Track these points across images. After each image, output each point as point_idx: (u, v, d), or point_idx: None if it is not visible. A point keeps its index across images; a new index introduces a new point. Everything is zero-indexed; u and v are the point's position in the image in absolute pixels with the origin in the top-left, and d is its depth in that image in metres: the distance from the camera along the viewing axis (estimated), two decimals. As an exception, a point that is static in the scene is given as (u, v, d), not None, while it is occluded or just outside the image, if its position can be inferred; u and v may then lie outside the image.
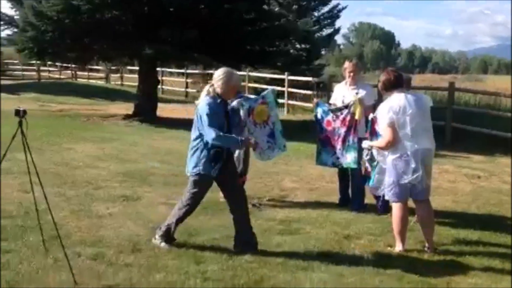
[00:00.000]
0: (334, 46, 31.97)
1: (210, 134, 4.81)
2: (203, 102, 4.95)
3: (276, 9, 18.24)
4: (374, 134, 5.85)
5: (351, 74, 6.79)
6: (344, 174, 7.00)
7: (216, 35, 13.64)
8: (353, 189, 6.89)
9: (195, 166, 4.98)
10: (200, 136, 4.96)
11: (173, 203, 6.61)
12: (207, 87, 5.11)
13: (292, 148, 11.67)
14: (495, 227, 6.11)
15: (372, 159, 5.77)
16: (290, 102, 18.85)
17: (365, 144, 5.66)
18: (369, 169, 6.06)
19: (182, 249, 5.01)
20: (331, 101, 7.01)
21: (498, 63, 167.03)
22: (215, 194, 6.80)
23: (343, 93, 6.88)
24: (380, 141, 5.31)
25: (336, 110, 6.72)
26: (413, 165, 5.08)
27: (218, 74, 5.04)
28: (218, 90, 4.97)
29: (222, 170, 5.01)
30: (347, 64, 6.90)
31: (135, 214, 6.13)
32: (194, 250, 4.99)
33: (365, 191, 6.77)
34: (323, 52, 27.09)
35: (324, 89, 17.88)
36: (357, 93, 6.67)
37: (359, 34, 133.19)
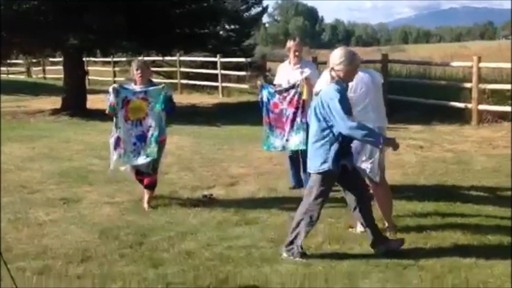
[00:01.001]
0: (259, 25, 31.44)
1: (346, 124, 4.24)
2: (331, 88, 4.40)
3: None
4: None
5: (296, 53, 6.57)
6: (295, 156, 6.81)
7: (144, 20, 13.03)
8: (305, 171, 6.70)
9: (324, 162, 4.43)
10: (329, 127, 4.40)
11: (118, 202, 6.27)
12: (325, 73, 4.62)
13: (235, 132, 11.47)
14: (448, 197, 6.13)
15: None
16: (224, 84, 18.52)
17: None
18: None
19: (136, 252, 4.67)
20: (275, 82, 6.77)
21: (417, 32, 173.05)
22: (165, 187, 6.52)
23: (288, 73, 6.66)
24: None
25: (282, 91, 6.50)
26: (368, 145, 4.94)
27: (337, 56, 4.42)
28: (341, 74, 4.44)
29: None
30: (290, 44, 6.67)
31: (78, 218, 5.69)
32: (149, 252, 4.66)
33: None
34: (252, 32, 26.79)
35: (258, 69, 17.68)
36: (302, 72, 6.46)
37: (283, 11, 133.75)
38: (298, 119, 6.39)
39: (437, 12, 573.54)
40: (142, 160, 5.94)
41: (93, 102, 16.29)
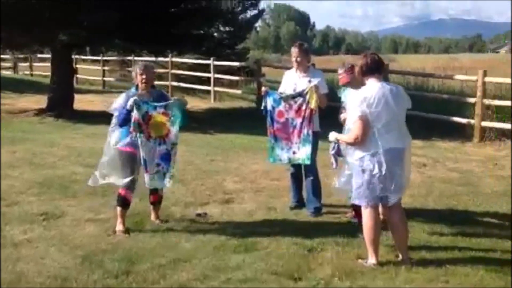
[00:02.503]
0: (251, 28, 30.83)
1: None
2: None
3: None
4: None
5: (298, 59, 6.09)
6: (297, 172, 6.33)
7: (138, 19, 12.48)
8: (308, 189, 6.22)
9: None
10: None
11: (104, 219, 5.72)
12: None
13: (228, 141, 10.96)
14: (462, 225, 5.70)
15: (338, 154, 5.16)
16: (217, 89, 17.99)
17: (332, 136, 5.00)
18: (334, 165, 5.46)
19: (122, 283, 4.14)
20: (280, 90, 6.28)
21: (406, 42, 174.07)
22: (145, 202, 5.92)
23: (294, 81, 6.17)
24: (349, 135, 4.66)
25: (289, 98, 6.02)
26: (384, 166, 4.47)
27: None
28: None
29: None
30: (292, 50, 6.20)
31: (59, 238, 5.14)
32: (136, 284, 4.12)
33: (321, 191, 6.17)
34: (247, 36, 26.28)
35: (252, 74, 17.19)
36: (309, 81, 5.99)
37: (275, 15, 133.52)
38: (304, 131, 5.93)
39: (426, 23, 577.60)
40: (167, 183, 5.39)
41: (81, 102, 15.71)
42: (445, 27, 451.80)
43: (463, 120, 11.19)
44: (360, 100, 4.45)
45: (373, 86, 4.50)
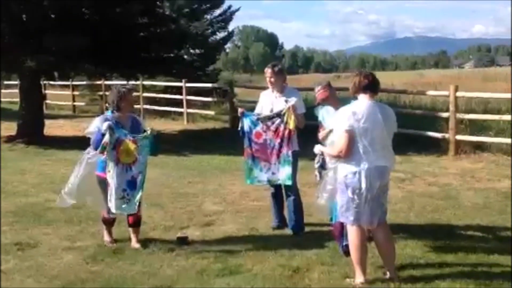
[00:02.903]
0: (221, 50, 30.90)
1: None
2: None
3: (167, 12, 17.14)
4: None
5: (272, 80, 6.04)
6: (277, 191, 6.22)
7: (108, 43, 12.31)
8: (290, 209, 6.11)
9: None
10: None
11: (81, 247, 5.52)
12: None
13: (204, 162, 10.82)
14: (446, 239, 5.67)
15: (322, 167, 5.10)
16: (189, 110, 17.87)
17: (317, 148, 4.94)
18: (318, 177, 5.41)
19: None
20: (256, 111, 6.20)
21: (374, 60, 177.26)
22: (123, 227, 5.73)
23: (271, 101, 6.10)
24: (333, 148, 4.59)
25: (266, 119, 5.95)
26: (368, 183, 4.41)
27: None
28: None
29: None
30: (266, 70, 6.15)
31: (35, 268, 4.92)
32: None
33: (303, 210, 6.08)
34: (218, 57, 26.26)
35: (224, 95, 17.12)
36: (286, 101, 5.92)
37: (243, 37, 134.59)
38: (284, 151, 5.87)
39: (392, 41, 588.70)
40: (133, 209, 5.37)
41: (51, 128, 15.41)
42: (410, 44, 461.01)
43: (438, 135, 11.29)
44: (348, 115, 4.39)
45: (363, 102, 4.45)
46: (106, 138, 5.14)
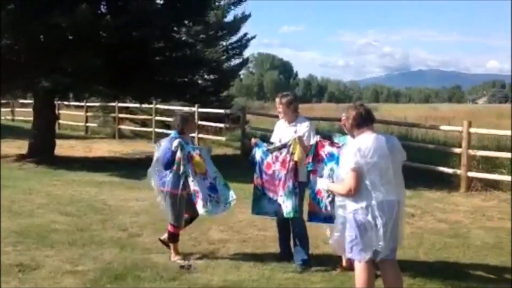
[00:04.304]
0: (236, 76, 31.21)
1: None
2: None
3: (184, 38, 17.30)
4: (319, 160, 5.47)
5: (279, 110, 6.02)
6: (284, 223, 6.13)
7: (123, 66, 12.43)
8: (295, 241, 6.02)
9: None
10: None
11: (82, 271, 5.45)
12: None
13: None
14: (455, 279, 5.54)
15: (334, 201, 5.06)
16: (201, 135, 17.89)
17: (323, 184, 4.89)
18: (326, 208, 5.44)
19: None
20: (272, 140, 6.17)
21: (388, 92, 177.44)
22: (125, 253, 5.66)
23: (282, 131, 6.08)
24: (341, 188, 4.51)
25: (274, 150, 5.91)
26: (378, 219, 4.33)
27: None
28: None
29: None
30: (276, 100, 6.13)
31: (35, 292, 4.86)
32: None
33: (309, 242, 5.98)
34: (232, 83, 26.41)
35: (237, 121, 17.15)
36: (295, 132, 5.88)
37: (258, 64, 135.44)
38: (289, 183, 5.77)
39: (406, 73, 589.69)
40: (221, 209, 6.02)
41: (62, 148, 15.47)
42: (424, 77, 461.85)
43: (449, 170, 11.17)
44: (354, 151, 4.34)
45: (368, 137, 4.40)
46: (179, 154, 5.74)
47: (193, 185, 5.83)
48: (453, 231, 7.74)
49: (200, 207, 5.83)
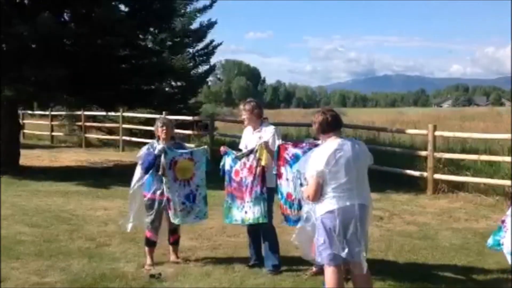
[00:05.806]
0: (203, 83, 30.99)
1: None
2: None
3: (149, 45, 17.18)
4: (283, 163, 5.49)
5: (243, 117, 6.06)
6: (254, 229, 6.12)
7: (88, 74, 12.24)
8: (265, 246, 6.00)
9: None
10: None
11: (50, 283, 5.33)
12: None
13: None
14: (424, 280, 5.61)
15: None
16: (169, 143, 17.73)
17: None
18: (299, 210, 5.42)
19: None
20: (240, 147, 6.17)
21: (354, 97, 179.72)
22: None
23: (248, 137, 6.09)
24: (304, 189, 4.60)
25: (242, 156, 5.90)
26: (344, 223, 4.36)
27: None
28: None
29: None
30: (240, 107, 6.16)
31: (0, 306, 4.74)
32: None
33: (279, 247, 5.97)
34: (200, 90, 26.31)
35: (205, 128, 17.08)
36: (260, 137, 5.89)
37: (226, 71, 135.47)
38: (257, 189, 5.77)
39: (372, 78, 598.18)
40: (191, 219, 6.06)
41: (28, 158, 15.15)
42: (390, 82, 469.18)
43: (416, 173, 11.33)
44: (318, 157, 4.37)
45: (332, 144, 4.42)
46: (162, 160, 5.75)
47: (166, 192, 5.84)
48: (421, 233, 7.84)
49: (171, 215, 5.88)
